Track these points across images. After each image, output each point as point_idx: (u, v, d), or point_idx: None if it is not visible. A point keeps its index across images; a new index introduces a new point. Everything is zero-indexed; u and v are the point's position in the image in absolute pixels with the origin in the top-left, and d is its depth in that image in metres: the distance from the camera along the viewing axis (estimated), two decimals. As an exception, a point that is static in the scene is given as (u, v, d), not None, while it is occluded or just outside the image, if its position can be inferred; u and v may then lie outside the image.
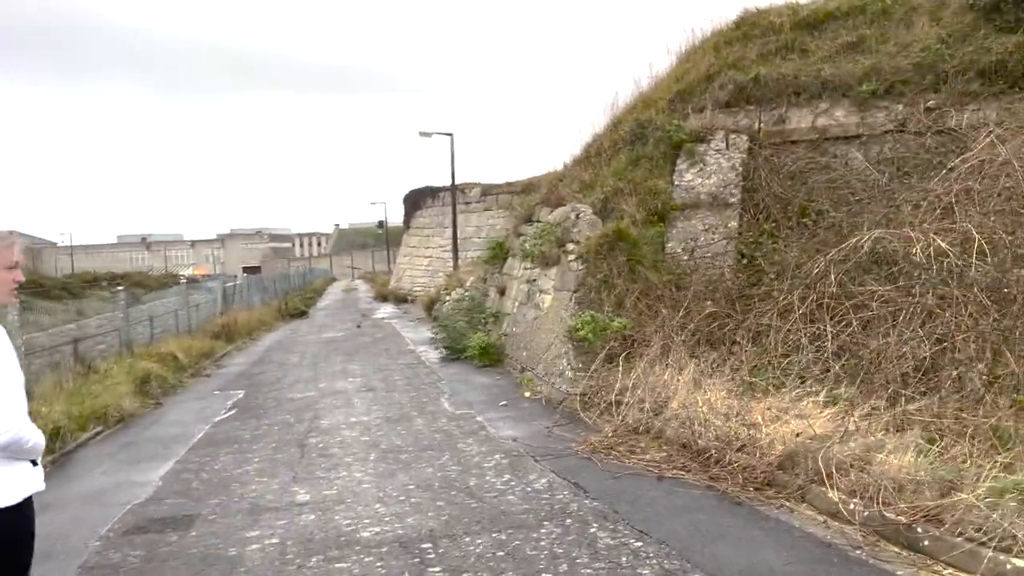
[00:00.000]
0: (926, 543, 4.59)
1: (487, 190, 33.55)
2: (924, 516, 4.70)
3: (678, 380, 8.00)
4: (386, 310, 31.48)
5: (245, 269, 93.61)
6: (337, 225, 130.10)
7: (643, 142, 12.18)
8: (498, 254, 16.44)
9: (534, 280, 12.69)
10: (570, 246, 10.98)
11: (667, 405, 7.84)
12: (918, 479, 4.94)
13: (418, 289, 35.90)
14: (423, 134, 27.87)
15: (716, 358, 8.18)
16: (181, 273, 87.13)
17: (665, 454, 7.12)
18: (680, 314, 8.98)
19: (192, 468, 7.69)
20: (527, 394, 10.47)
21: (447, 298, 22.38)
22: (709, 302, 8.96)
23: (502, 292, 15.33)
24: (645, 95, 14.20)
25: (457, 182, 36.06)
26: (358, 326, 23.72)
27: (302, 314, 29.61)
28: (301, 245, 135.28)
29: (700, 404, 7.23)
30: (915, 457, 5.17)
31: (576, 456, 7.32)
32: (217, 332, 19.19)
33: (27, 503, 2.83)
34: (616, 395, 8.48)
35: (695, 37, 14.34)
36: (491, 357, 13.57)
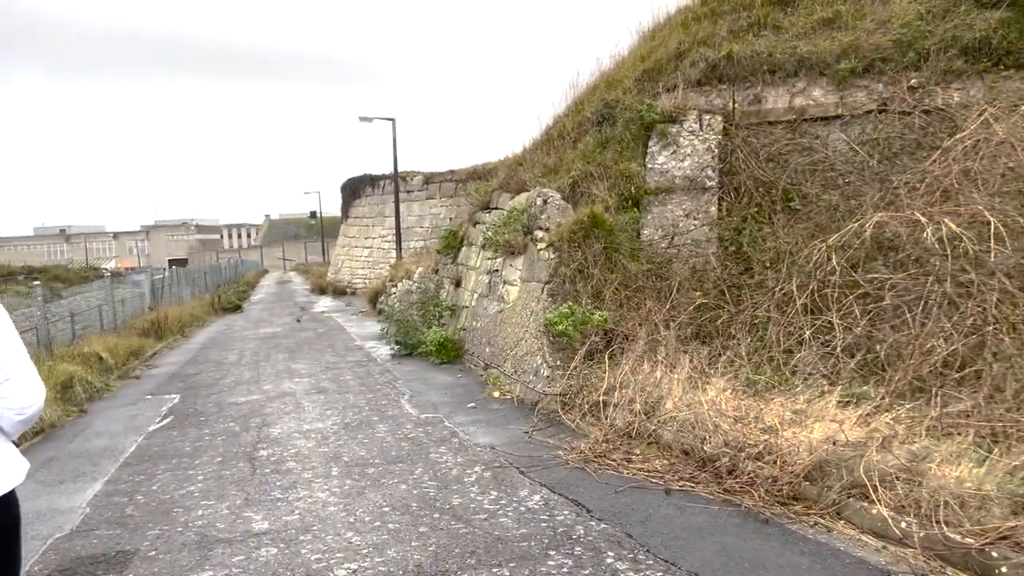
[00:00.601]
0: (1004, 570, 3.99)
1: (430, 178, 32.61)
2: (998, 538, 4.09)
3: (671, 378, 7.33)
4: (325, 303, 30.22)
5: (171, 262, 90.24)
6: (267, 216, 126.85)
7: (611, 123, 11.48)
8: (451, 243, 15.58)
9: (496, 271, 11.88)
10: (539, 233, 10.21)
11: (660, 406, 7.16)
12: (983, 494, 4.33)
13: (358, 281, 34.72)
14: (363, 119, 26.70)
15: (710, 354, 7.53)
16: (104, 266, 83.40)
17: (667, 462, 6.43)
18: (666, 306, 8.31)
19: (125, 489, 6.66)
20: (496, 394, 9.68)
21: (394, 290, 21.41)
22: (697, 292, 8.31)
23: (457, 284, 14.49)
24: (609, 75, 13.49)
25: (399, 170, 34.96)
26: (298, 320, 22.52)
27: (236, 308, 28.14)
28: (230, 237, 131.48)
29: (703, 405, 6.56)
30: (972, 467, 4.57)
31: (567, 466, 6.57)
32: (146, 329, 17.81)
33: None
34: (602, 395, 7.77)
35: (660, 15, 13.71)
36: (450, 353, 12.73)
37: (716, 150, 10.57)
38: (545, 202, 10.54)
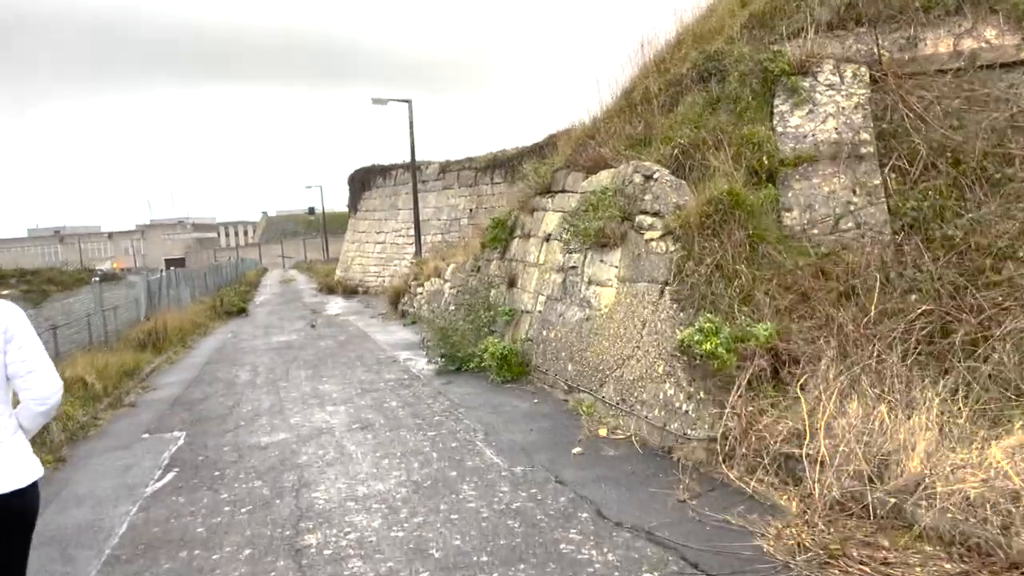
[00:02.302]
0: None
1: (446, 167, 30.28)
2: None
3: (907, 424, 5.01)
4: (338, 304, 27.88)
5: (168, 261, 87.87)
6: (265, 213, 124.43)
7: (720, 79, 9.15)
8: (499, 236, 13.24)
9: (573, 267, 9.56)
10: (645, 219, 7.88)
11: (895, 465, 4.87)
12: None
13: (371, 279, 32.41)
14: (377, 101, 24.29)
15: (953, 384, 5.21)
16: (98, 267, 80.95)
17: (951, 567, 4.13)
18: (862, 316, 5.98)
19: (108, 617, 4.35)
20: (602, 432, 7.36)
21: (420, 291, 19.13)
22: (914, 296, 5.99)
23: (511, 283, 12.16)
24: (694, 27, 11.14)
25: (406, 162, 32.61)
26: (312, 326, 20.18)
27: (241, 311, 25.78)
28: (227, 235, 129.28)
29: (983, 467, 4.26)
30: None
31: (789, 572, 4.27)
32: (142, 340, 15.49)
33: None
34: (788, 444, 5.47)
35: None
36: (513, 370, 10.41)
37: (868, 108, 8.24)
38: (648, 179, 8.21)
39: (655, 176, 8.10)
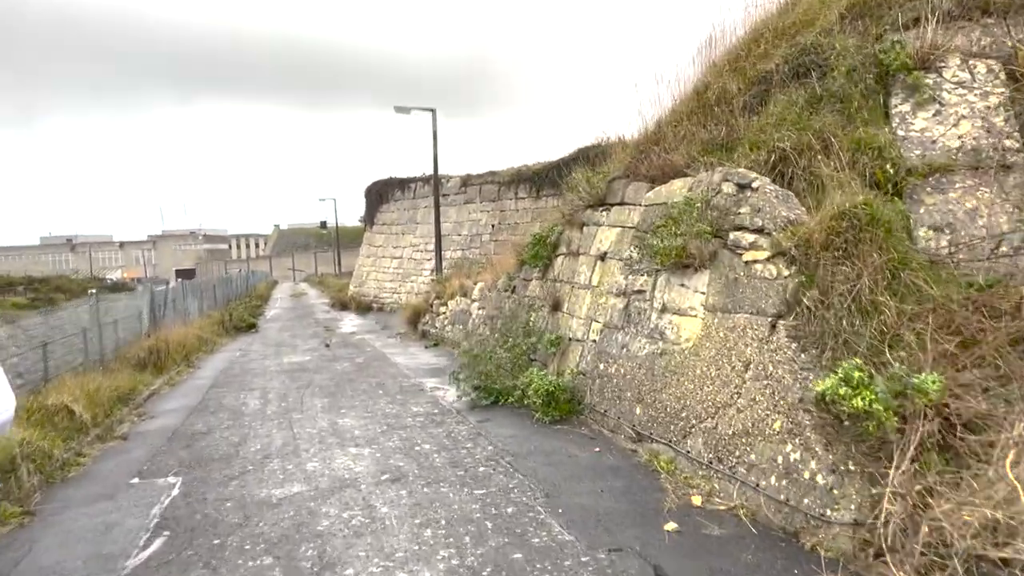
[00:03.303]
0: None
1: (467, 180, 29.00)
2: None
3: None
4: (353, 322, 26.56)
5: (178, 272, 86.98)
6: (277, 226, 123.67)
7: (821, 75, 7.79)
8: (540, 253, 11.87)
9: (640, 291, 8.18)
10: (745, 236, 6.49)
11: None
12: None
13: (386, 296, 31.09)
14: (399, 109, 23.04)
15: None
16: (108, 276, 79.95)
17: None
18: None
19: None
20: (696, 501, 5.93)
21: (443, 310, 17.76)
22: None
23: (555, 306, 10.77)
24: (771, 22, 9.80)
25: (428, 174, 31.38)
26: (326, 345, 18.81)
27: (250, 327, 24.47)
28: (238, 247, 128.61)
29: None
30: None
31: None
32: (142, 359, 14.15)
33: None
34: (972, 536, 4.04)
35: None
36: (561, 408, 9.00)
37: (1011, 109, 6.85)
38: (744, 188, 6.83)
39: (754, 185, 6.72)
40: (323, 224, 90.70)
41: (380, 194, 33.00)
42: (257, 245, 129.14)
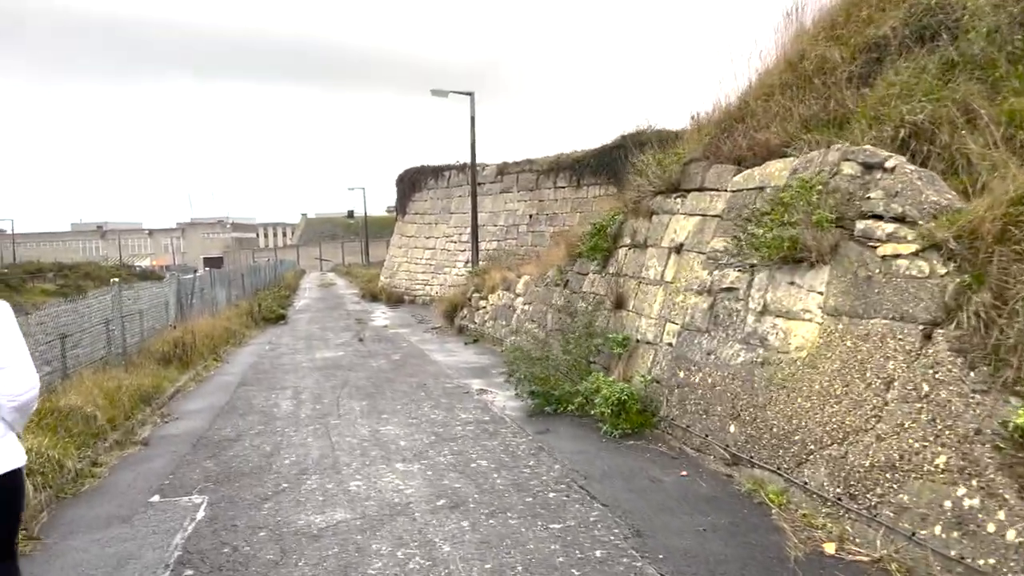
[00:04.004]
0: None
1: (504, 169, 27.96)
2: None
3: None
4: (385, 314, 25.69)
5: (206, 260, 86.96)
6: (304, 215, 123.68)
7: (952, 37, 6.65)
8: (599, 244, 10.82)
9: (732, 289, 7.10)
10: (880, 226, 5.39)
11: None
12: None
13: (418, 287, 30.19)
14: (436, 92, 22.07)
15: None
16: (138, 264, 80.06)
17: None
18: None
19: None
20: (829, 547, 4.86)
21: (484, 304, 16.76)
22: None
23: (618, 304, 9.72)
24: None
25: (463, 161, 30.41)
26: (360, 339, 17.91)
27: (280, 319, 23.67)
28: (266, 235, 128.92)
29: None
30: None
31: None
32: (167, 353, 13.30)
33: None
34: None
35: None
36: (633, 420, 7.96)
37: None
38: (872, 169, 5.74)
39: (887, 165, 5.61)
40: (350, 214, 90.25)
41: (412, 182, 32.08)
42: (284, 234, 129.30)
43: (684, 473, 6.58)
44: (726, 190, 7.92)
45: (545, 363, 9.62)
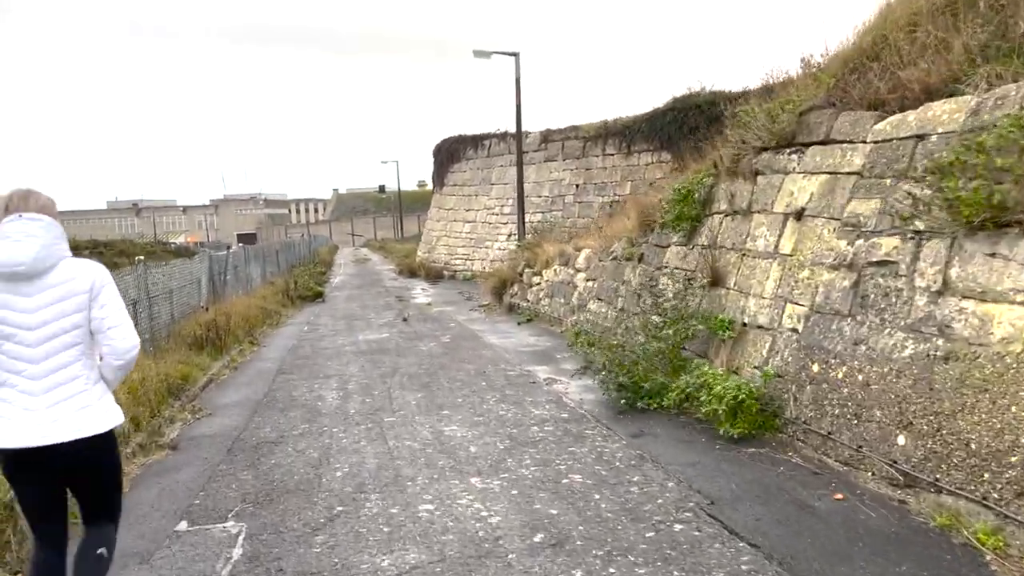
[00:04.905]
0: None
1: (547, 136, 26.49)
2: None
3: None
4: (425, 291, 24.50)
5: (240, 237, 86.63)
6: (336, 190, 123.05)
7: None
8: (685, 212, 9.41)
9: (889, 263, 5.68)
10: None
11: None
12: None
13: (458, 262, 28.96)
14: (479, 54, 20.64)
15: None
16: (172, 241, 79.93)
17: None
18: None
19: None
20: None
21: (536, 280, 15.43)
22: None
23: (715, 281, 8.33)
24: None
25: (503, 129, 29.01)
26: (404, 319, 16.69)
27: (317, 296, 22.58)
28: (298, 211, 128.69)
29: None
30: None
31: None
32: (199, 338, 12.18)
33: None
34: None
35: None
36: (750, 421, 6.59)
37: None
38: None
39: None
40: (382, 188, 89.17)
41: (451, 153, 30.72)
42: (316, 210, 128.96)
43: (839, 496, 5.21)
44: (864, 141, 6.46)
45: (627, 350, 8.27)
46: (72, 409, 3.19)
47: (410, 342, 13.30)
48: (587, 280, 13.05)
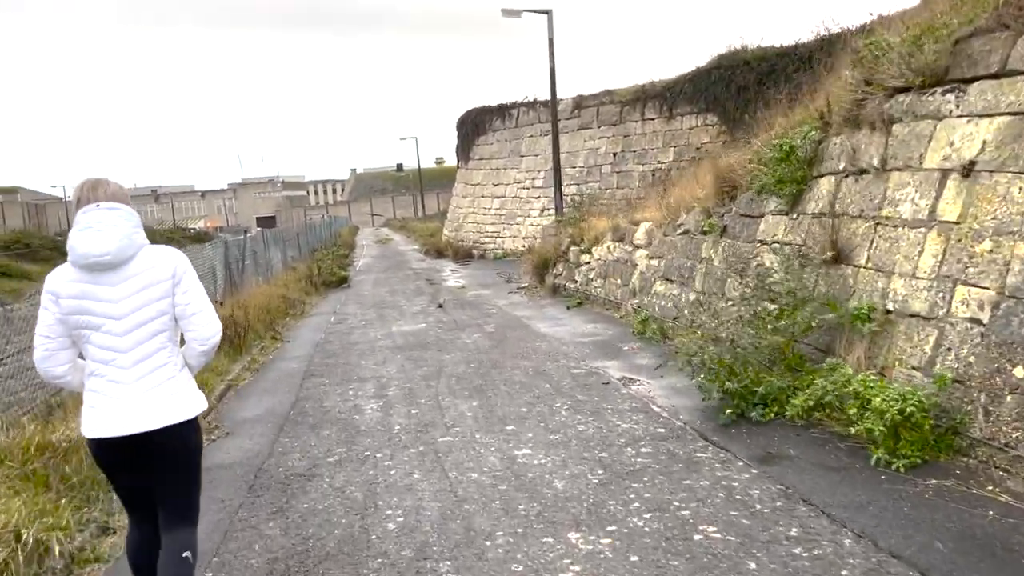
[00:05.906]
0: None
1: (581, 102, 24.85)
2: None
3: None
4: (456, 272, 23.04)
5: (259, 220, 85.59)
6: (353, 170, 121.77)
7: None
8: (787, 175, 7.82)
9: None
10: None
11: None
12: None
13: (487, 240, 27.46)
14: (508, 13, 18.98)
15: None
16: (192, 226, 78.99)
17: None
18: None
19: None
20: None
21: (584, 259, 13.91)
22: None
23: (837, 258, 6.75)
24: None
25: (531, 97, 27.35)
26: (439, 305, 15.25)
27: (342, 281, 21.20)
28: (316, 193, 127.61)
29: None
30: None
31: None
32: (215, 336, 10.72)
33: None
34: None
35: None
36: (921, 443, 5.06)
37: None
38: None
39: None
40: (399, 167, 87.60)
41: (476, 125, 29.09)
42: (334, 191, 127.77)
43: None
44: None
45: (734, 344, 6.73)
46: (163, 396, 3.15)
47: (451, 333, 11.83)
48: (649, 258, 11.49)
